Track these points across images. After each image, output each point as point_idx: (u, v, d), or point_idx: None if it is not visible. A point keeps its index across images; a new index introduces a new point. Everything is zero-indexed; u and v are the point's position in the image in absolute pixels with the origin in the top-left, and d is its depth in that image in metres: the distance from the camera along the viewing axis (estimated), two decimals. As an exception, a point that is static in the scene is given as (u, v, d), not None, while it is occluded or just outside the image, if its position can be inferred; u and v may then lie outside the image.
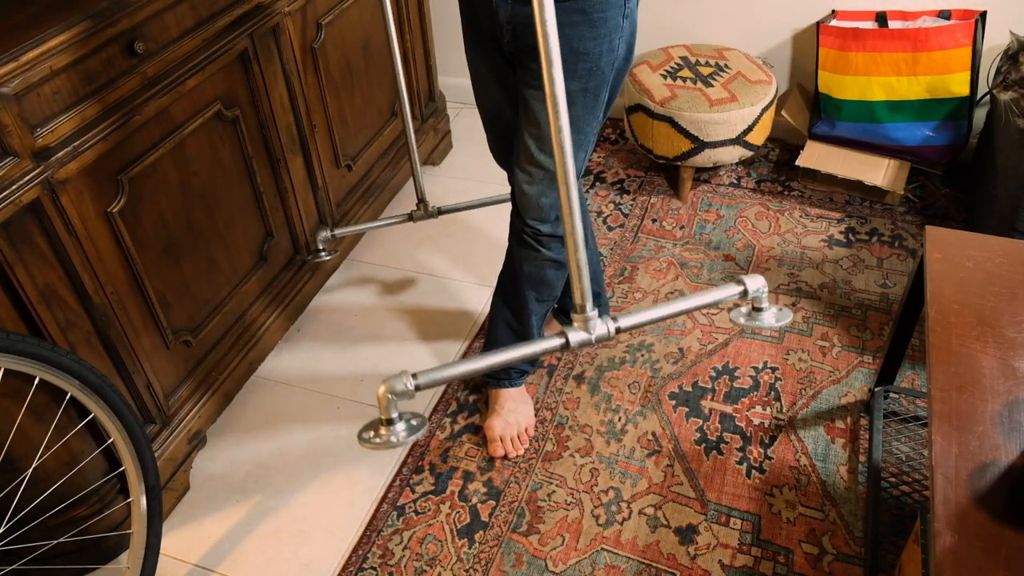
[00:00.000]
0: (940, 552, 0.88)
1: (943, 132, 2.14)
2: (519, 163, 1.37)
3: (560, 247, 1.47)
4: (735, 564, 1.45)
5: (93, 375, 1.23)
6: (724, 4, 2.36)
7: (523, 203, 1.40)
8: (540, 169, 1.35)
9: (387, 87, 2.16)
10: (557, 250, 1.47)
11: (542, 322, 1.67)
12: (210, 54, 1.46)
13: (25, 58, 1.12)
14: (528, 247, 1.47)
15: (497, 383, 1.70)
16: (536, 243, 1.45)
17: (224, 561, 1.52)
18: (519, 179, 1.38)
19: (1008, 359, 1.09)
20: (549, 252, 1.47)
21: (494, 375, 1.70)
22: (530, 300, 1.56)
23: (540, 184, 1.37)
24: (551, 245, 1.46)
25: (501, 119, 1.48)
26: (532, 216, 1.41)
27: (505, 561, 1.48)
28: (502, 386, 1.69)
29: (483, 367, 1.02)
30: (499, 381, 1.69)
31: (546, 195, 1.38)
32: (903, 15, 2.15)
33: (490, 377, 1.71)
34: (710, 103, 2.13)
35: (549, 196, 1.38)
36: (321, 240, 1.94)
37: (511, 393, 1.69)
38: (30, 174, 1.17)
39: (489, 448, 1.66)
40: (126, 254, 1.39)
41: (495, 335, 1.67)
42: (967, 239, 1.28)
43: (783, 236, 2.17)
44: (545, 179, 1.36)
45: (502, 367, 1.18)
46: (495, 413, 1.68)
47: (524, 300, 1.57)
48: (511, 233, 1.52)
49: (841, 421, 1.68)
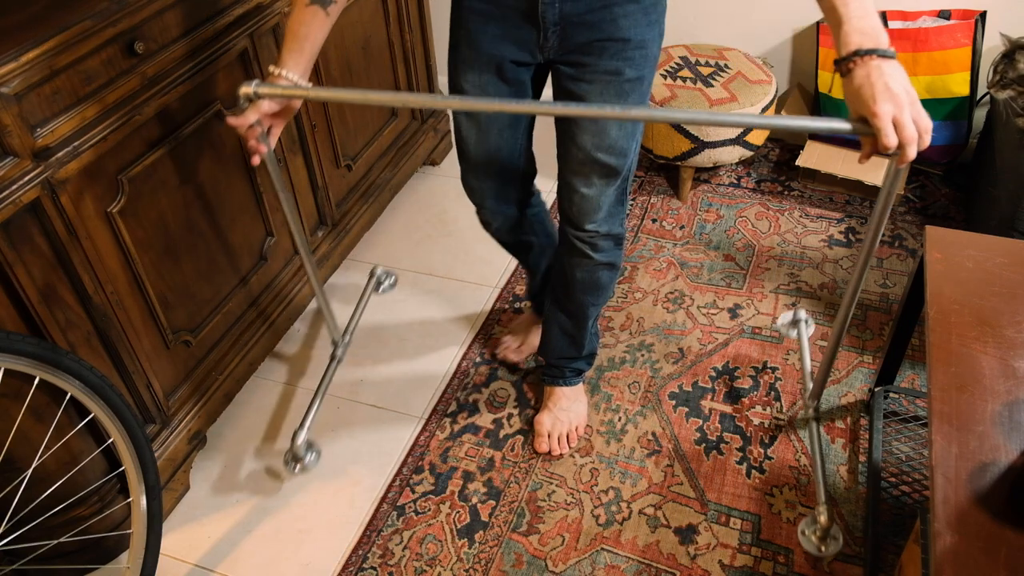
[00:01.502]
0: (940, 552, 0.88)
1: (943, 132, 2.14)
2: (572, 171, 1.35)
3: (612, 248, 1.46)
4: (735, 564, 1.45)
5: (93, 375, 1.23)
6: (724, 4, 2.36)
7: (582, 208, 1.38)
8: (600, 167, 1.33)
9: (387, 87, 2.16)
10: (610, 252, 1.46)
11: (597, 324, 1.68)
12: (210, 54, 1.46)
13: (25, 58, 1.12)
14: (581, 255, 1.45)
15: (552, 381, 1.70)
16: (591, 248, 1.44)
17: (224, 561, 1.52)
18: (576, 185, 1.36)
19: (1008, 359, 1.09)
20: (602, 256, 1.45)
21: (550, 373, 1.70)
22: (587, 306, 1.56)
23: (600, 183, 1.35)
24: (605, 246, 1.45)
25: (504, 147, 1.43)
26: (591, 220, 1.39)
27: (505, 561, 1.48)
28: (556, 384, 1.69)
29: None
30: (554, 379, 1.70)
31: (606, 193, 1.36)
32: (903, 15, 2.15)
33: (546, 375, 1.71)
34: (710, 103, 2.13)
35: (608, 194, 1.37)
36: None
37: (566, 392, 1.69)
38: (30, 174, 1.17)
39: (535, 443, 1.66)
40: (126, 254, 1.39)
41: (550, 340, 1.66)
42: (967, 239, 1.28)
43: (783, 236, 2.17)
44: (604, 176, 1.34)
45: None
46: (547, 409, 1.68)
47: (581, 305, 1.55)
48: (559, 242, 1.51)
49: (841, 421, 1.68)
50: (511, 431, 1.71)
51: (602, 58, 1.24)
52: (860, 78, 0.99)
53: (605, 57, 1.23)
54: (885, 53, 0.98)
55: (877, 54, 0.98)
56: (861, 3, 1.00)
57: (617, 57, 1.23)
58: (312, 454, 1.61)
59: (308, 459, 1.60)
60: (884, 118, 0.97)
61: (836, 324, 1.33)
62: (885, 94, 0.97)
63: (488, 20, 1.26)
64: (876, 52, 0.98)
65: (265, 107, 1.22)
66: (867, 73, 0.98)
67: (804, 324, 1.72)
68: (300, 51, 1.20)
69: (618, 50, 1.23)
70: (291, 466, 1.60)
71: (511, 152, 1.44)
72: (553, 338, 1.66)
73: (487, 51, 1.29)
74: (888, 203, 1.10)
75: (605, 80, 1.25)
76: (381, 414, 1.78)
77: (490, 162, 1.45)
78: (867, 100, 0.98)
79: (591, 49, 1.23)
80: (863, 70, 0.98)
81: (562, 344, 1.65)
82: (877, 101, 0.97)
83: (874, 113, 0.97)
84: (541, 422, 1.67)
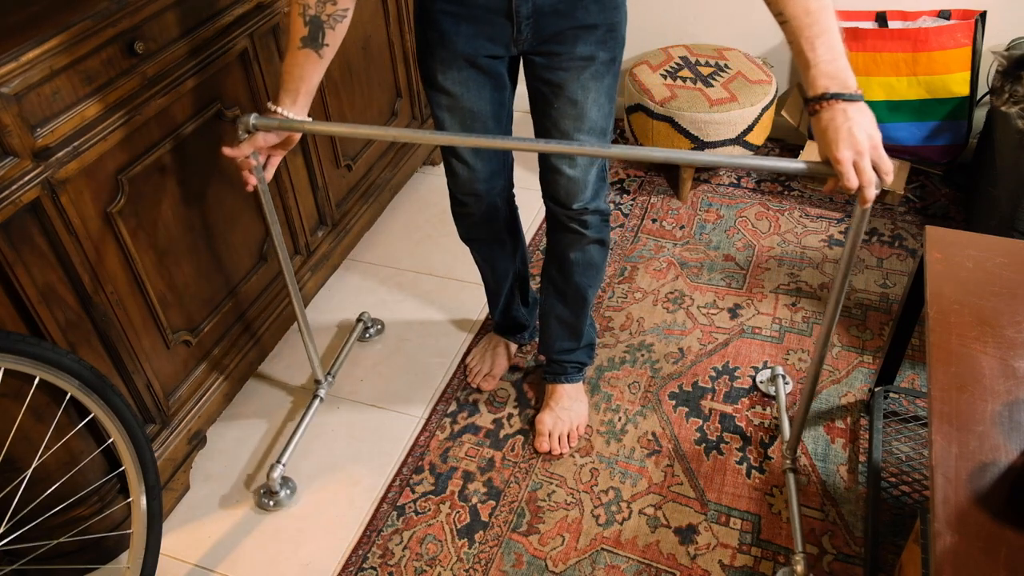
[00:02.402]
0: (940, 552, 0.88)
1: (943, 132, 2.14)
2: (556, 154, 1.38)
3: (600, 224, 1.48)
4: (735, 564, 1.45)
5: (93, 375, 1.23)
6: (724, 4, 2.36)
7: (570, 189, 1.41)
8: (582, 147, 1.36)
9: (387, 87, 2.16)
10: (598, 228, 1.49)
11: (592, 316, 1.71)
12: (210, 54, 1.46)
13: (25, 58, 1.12)
14: (573, 232, 1.48)
15: (554, 378, 1.70)
16: (582, 226, 1.46)
17: (224, 561, 1.52)
18: (561, 168, 1.39)
19: (1008, 359, 1.09)
20: (592, 232, 1.48)
21: (551, 370, 1.71)
22: (584, 288, 1.58)
23: (583, 162, 1.38)
24: (593, 222, 1.47)
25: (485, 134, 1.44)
26: (579, 199, 1.42)
27: (505, 561, 1.48)
28: (559, 381, 1.69)
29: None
30: (556, 376, 1.70)
31: (590, 172, 1.40)
32: (903, 15, 2.15)
33: (547, 372, 1.72)
34: (710, 103, 2.13)
35: (590, 172, 1.40)
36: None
37: (567, 390, 1.69)
38: (30, 174, 1.17)
39: (536, 442, 1.66)
40: (126, 254, 1.39)
41: (549, 333, 1.67)
42: (967, 239, 1.28)
43: (783, 236, 2.17)
44: (586, 156, 1.37)
45: None
46: (548, 408, 1.68)
47: (578, 288, 1.57)
48: (549, 229, 1.53)
49: (841, 421, 1.68)
50: (511, 431, 1.71)
51: (576, 45, 1.27)
52: (825, 121, 1.04)
53: (579, 44, 1.27)
54: (851, 97, 1.03)
55: (843, 98, 1.03)
56: (830, 47, 1.03)
57: (590, 43, 1.27)
58: (286, 490, 1.61)
59: (282, 494, 1.60)
60: (845, 163, 1.03)
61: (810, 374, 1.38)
62: (848, 140, 1.02)
63: (460, 20, 1.28)
64: (842, 96, 1.03)
65: (261, 141, 1.29)
66: (832, 117, 1.03)
67: (781, 380, 1.73)
68: (296, 91, 1.27)
69: (591, 36, 1.26)
70: (265, 500, 1.60)
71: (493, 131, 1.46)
72: (552, 331, 1.66)
73: (462, 50, 1.31)
74: (857, 240, 1.17)
75: (581, 66, 1.29)
76: (381, 414, 1.78)
77: (477, 153, 1.47)
78: (830, 144, 1.04)
79: (564, 38, 1.27)
80: (828, 113, 1.03)
81: (561, 335, 1.66)
82: (839, 147, 1.03)
83: (836, 159, 1.04)
84: (543, 421, 1.67)
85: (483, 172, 1.49)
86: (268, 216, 1.44)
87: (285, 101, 1.27)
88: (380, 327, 1.98)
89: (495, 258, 1.69)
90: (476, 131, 1.42)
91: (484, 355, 1.84)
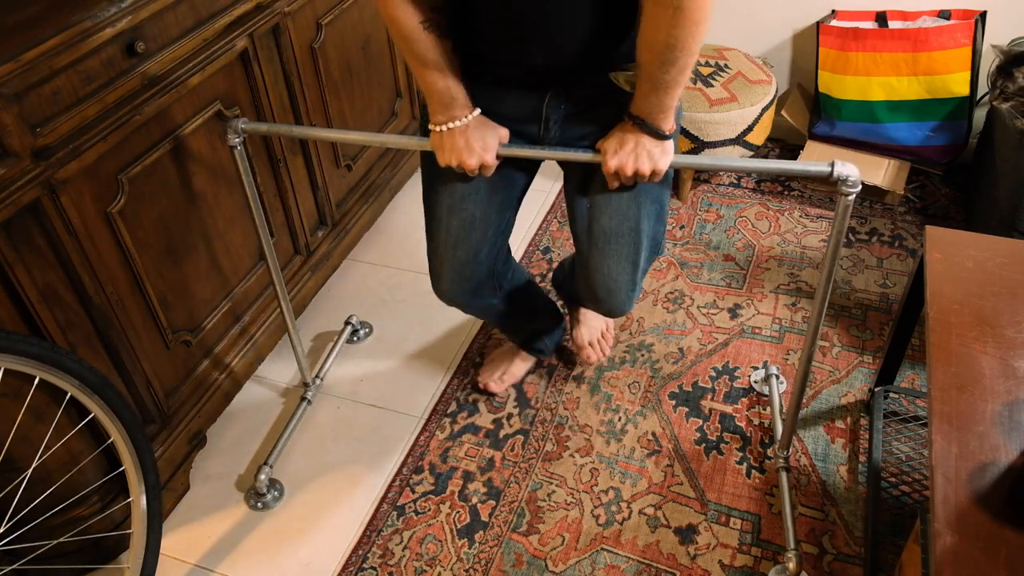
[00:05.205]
0: (940, 552, 0.88)
1: (943, 132, 2.14)
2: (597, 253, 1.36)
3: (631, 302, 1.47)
4: (735, 564, 1.45)
5: (93, 375, 1.23)
6: (724, 4, 2.36)
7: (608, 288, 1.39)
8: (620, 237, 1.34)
9: (387, 87, 2.16)
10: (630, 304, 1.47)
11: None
12: (210, 54, 1.46)
13: (25, 58, 1.12)
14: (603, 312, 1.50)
15: (578, 301, 1.71)
16: (611, 315, 1.49)
17: (224, 561, 1.52)
18: (608, 270, 1.37)
19: (1008, 359, 1.09)
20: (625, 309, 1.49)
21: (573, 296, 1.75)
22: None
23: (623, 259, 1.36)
24: (628, 308, 1.48)
25: (477, 232, 1.39)
26: (615, 302, 1.42)
27: (505, 561, 1.48)
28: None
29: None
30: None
31: (626, 271, 1.38)
32: (903, 15, 2.15)
33: (570, 299, 1.78)
34: (710, 103, 2.13)
35: (630, 272, 1.38)
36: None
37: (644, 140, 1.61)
38: (30, 174, 1.17)
39: (582, 355, 1.77)
40: (126, 254, 1.39)
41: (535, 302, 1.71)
42: (967, 239, 1.28)
43: (783, 236, 2.17)
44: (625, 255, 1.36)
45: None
46: (578, 323, 1.78)
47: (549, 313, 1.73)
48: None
49: (841, 421, 1.68)
50: (511, 431, 1.71)
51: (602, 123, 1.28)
52: (624, 131, 1.21)
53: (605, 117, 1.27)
54: (656, 132, 1.21)
55: (646, 129, 1.21)
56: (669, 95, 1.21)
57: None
58: (274, 492, 1.61)
59: (269, 496, 1.60)
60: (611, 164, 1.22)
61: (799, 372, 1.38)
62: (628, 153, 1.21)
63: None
64: (645, 127, 1.21)
65: (490, 159, 1.26)
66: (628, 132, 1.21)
67: (775, 379, 1.73)
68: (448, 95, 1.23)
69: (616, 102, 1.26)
70: (253, 502, 1.60)
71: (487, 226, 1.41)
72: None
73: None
74: (839, 241, 1.22)
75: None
76: (381, 414, 1.78)
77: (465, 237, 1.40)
78: (611, 145, 1.22)
79: (587, 131, 1.28)
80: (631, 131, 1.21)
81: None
82: (615, 154, 1.21)
83: (606, 161, 1.22)
84: (580, 335, 1.75)
85: (470, 284, 1.46)
86: (260, 230, 1.49)
87: (451, 113, 1.23)
88: (369, 329, 1.97)
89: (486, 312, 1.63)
90: (466, 225, 1.38)
91: (503, 357, 1.81)
